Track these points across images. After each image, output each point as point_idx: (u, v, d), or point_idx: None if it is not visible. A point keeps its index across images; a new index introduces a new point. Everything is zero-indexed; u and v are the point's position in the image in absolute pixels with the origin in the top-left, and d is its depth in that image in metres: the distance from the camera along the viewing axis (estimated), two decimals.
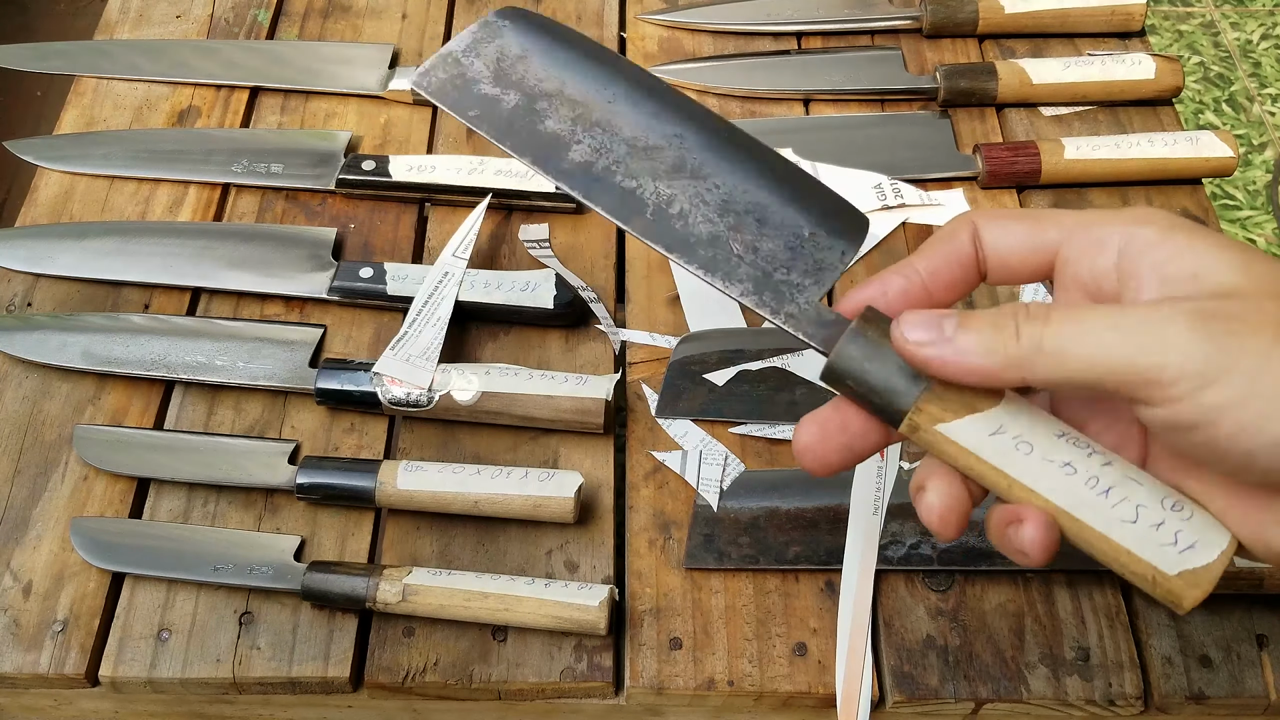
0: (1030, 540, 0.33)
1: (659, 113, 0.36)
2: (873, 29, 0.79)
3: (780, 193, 0.36)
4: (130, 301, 0.65)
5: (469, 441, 0.60)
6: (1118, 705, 0.52)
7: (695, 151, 0.36)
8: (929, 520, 0.35)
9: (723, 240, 0.35)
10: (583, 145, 0.36)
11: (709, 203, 0.36)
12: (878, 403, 0.35)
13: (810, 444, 0.36)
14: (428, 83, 0.38)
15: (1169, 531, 0.32)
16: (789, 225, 0.36)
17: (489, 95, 0.37)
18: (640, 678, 0.52)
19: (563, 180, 0.36)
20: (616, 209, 0.36)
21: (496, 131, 0.37)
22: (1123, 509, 0.33)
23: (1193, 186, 0.71)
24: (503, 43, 0.37)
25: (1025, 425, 0.33)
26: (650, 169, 0.36)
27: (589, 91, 0.36)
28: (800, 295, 0.36)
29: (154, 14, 0.81)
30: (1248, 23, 1.77)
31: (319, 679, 0.53)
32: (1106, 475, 0.33)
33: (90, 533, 0.56)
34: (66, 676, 0.53)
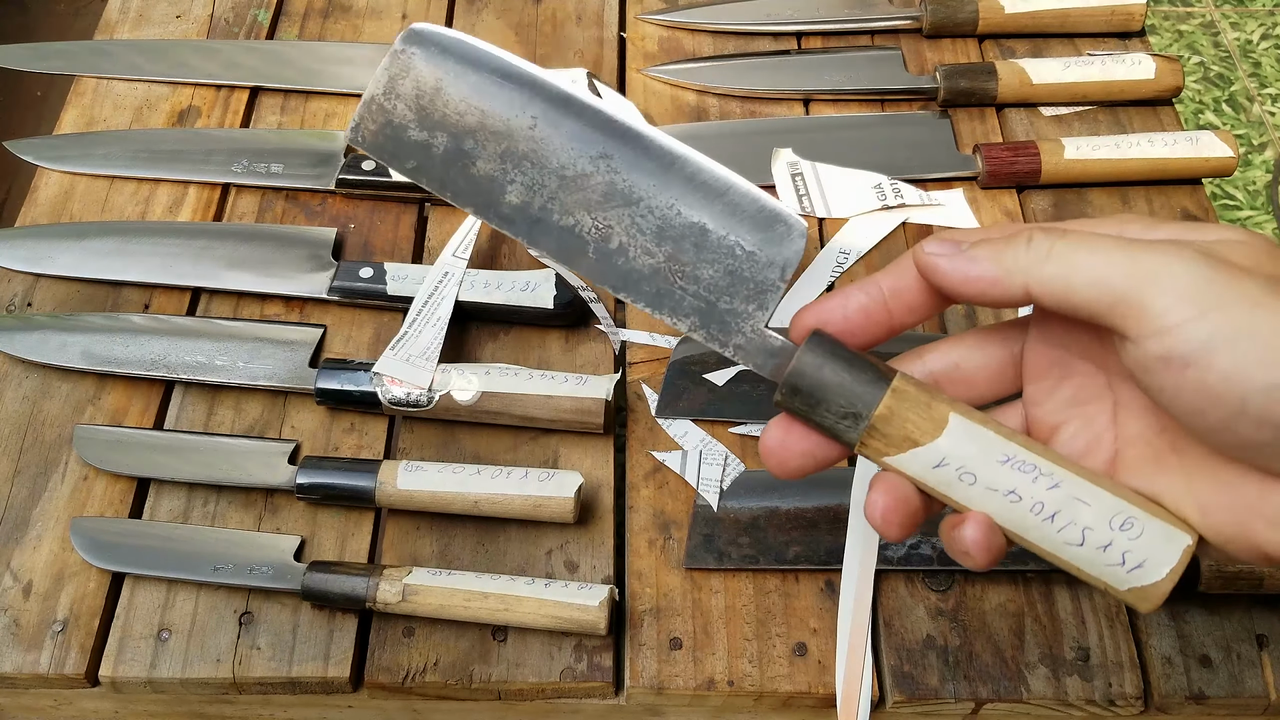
0: (971, 540, 0.34)
1: (581, 132, 0.35)
2: (873, 29, 0.79)
3: (714, 208, 0.35)
4: (130, 301, 0.65)
5: (469, 441, 0.60)
6: (1118, 705, 0.52)
7: (624, 172, 0.35)
8: (872, 518, 0.35)
9: (664, 273, 0.35)
10: (516, 185, 0.35)
11: (645, 231, 0.35)
12: (828, 433, 0.36)
13: (773, 447, 0.37)
14: (360, 138, 0.36)
15: (1116, 552, 0.33)
16: (726, 245, 0.35)
17: (420, 142, 0.36)
18: (640, 678, 0.52)
19: (505, 227, 0.36)
20: (559, 252, 0.36)
21: (435, 184, 0.36)
22: (1068, 533, 0.33)
23: (1193, 186, 0.71)
24: (417, 75, 0.36)
25: (969, 453, 0.34)
26: (583, 201, 0.35)
27: (509, 119, 0.35)
28: (745, 324, 0.36)
29: (154, 14, 0.81)
30: (1248, 23, 1.77)
31: (319, 679, 0.53)
32: (1052, 500, 0.33)
33: (90, 533, 0.56)
34: (66, 676, 0.53)
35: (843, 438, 0.35)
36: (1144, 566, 0.33)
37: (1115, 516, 0.33)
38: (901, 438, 0.34)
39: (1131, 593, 0.33)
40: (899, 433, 0.34)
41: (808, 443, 0.36)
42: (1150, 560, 0.33)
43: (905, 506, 0.35)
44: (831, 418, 0.35)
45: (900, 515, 0.35)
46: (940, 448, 0.34)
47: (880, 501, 0.35)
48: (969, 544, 0.34)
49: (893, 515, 0.35)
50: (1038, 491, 0.33)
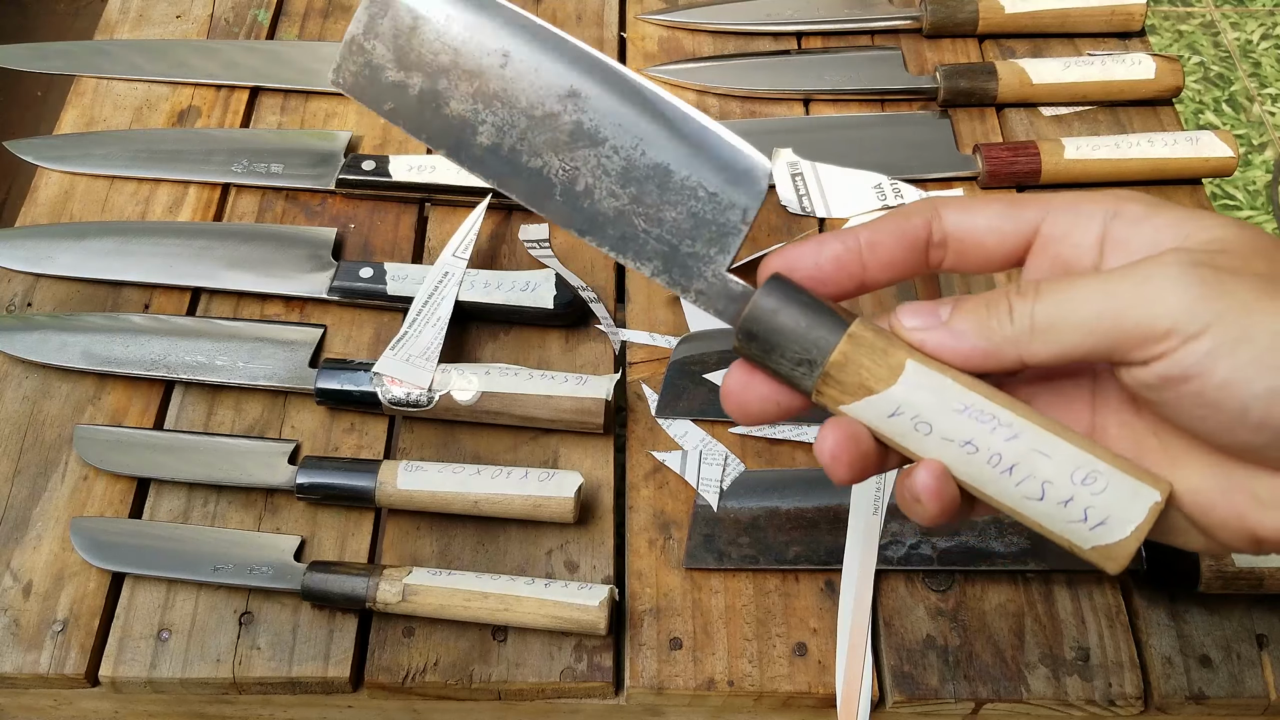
0: (922, 485, 0.32)
1: (550, 69, 0.35)
2: (873, 29, 0.79)
3: (678, 148, 0.35)
4: (130, 301, 0.65)
5: (469, 441, 0.60)
6: (1118, 705, 0.52)
7: (591, 111, 0.35)
8: (820, 456, 0.34)
9: (628, 215, 0.35)
10: (487, 125, 0.35)
11: (610, 173, 0.35)
12: (784, 380, 0.35)
13: (733, 391, 0.36)
14: (342, 79, 0.36)
15: (1078, 508, 0.31)
16: (690, 187, 0.35)
17: (397, 83, 0.36)
18: (640, 678, 0.52)
19: (476, 169, 0.36)
20: (528, 194, 0.36)
21: (411, 125, 0.36)
22: (1027, 487, 0.32)
23: (1193, 186, 0.71)
24: (395, 14, 0.35)
25: (925, 402, 0.32)
26: (551, 141, 0.35)
27: (480, 57, 0.35)
28: (707, 268, 0.35)
29: (154, 14, 0.81)
30: (1248, 23, 1.77)
31: (319, 679, 0.53)
32: (1011, 452, 0.32)
33: (90, 533, 0.56)
34: (66, 676, 0.53)
35: (799, 385, 0.34)
36: (1107, 524, 0.31)
37: (1077, 470, 0.32)
38: (856, 385, 0.33)
39: (1095, 552, 0.32)
40: (854, 380, 0.33)
41: (768, 388, 0.35)
42: (1114, 517, 0.31)
43: (856, 445, 0.33)
44: (787, 364, 0.34)
45: (850, 454, 0.33)
46: (895, 395, 0.33)
47: (830, 438, 0.33)
48: (920, 489, 0.32)
49: (842, 453, 0.33)
50: (995, 443, 0.32)
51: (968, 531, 0.56)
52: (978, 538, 0.55)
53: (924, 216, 0.35)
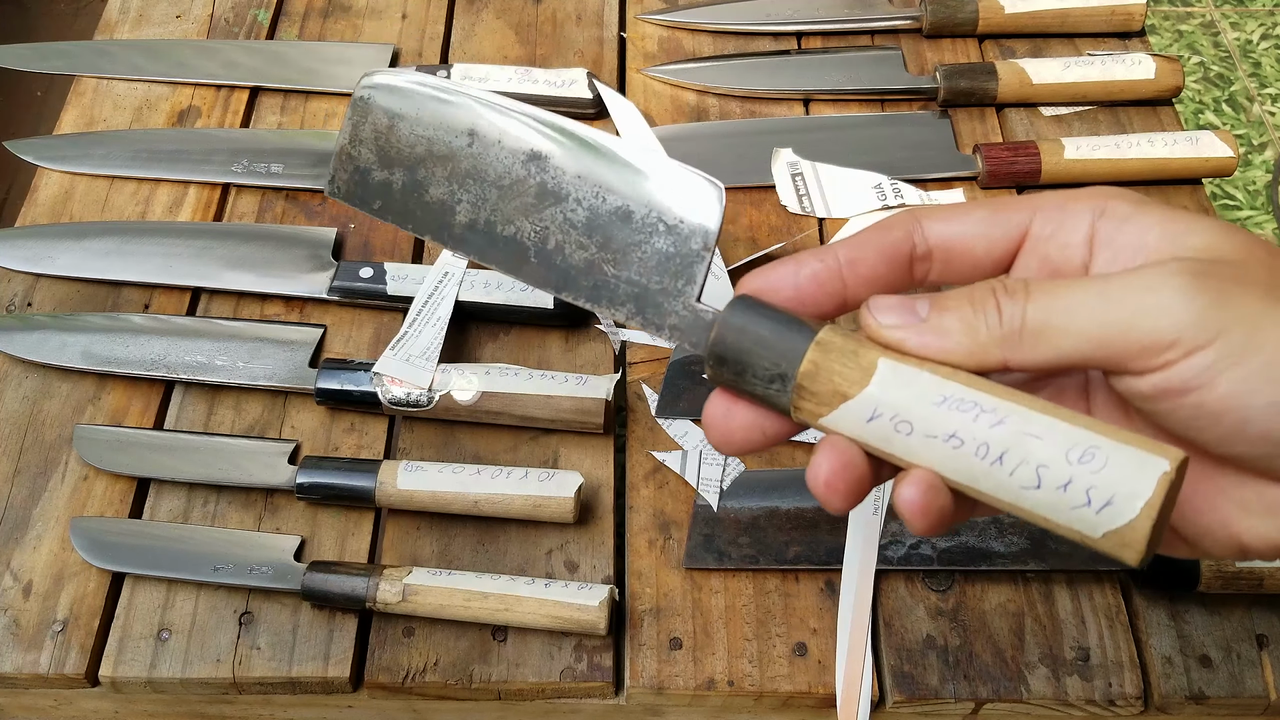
0: (906, 501, 0.30)
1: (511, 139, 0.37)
2: (873, 29, 0.79)
3: (635, 189, 0.36)
4: (130, 301, 0.65)
5: (469, 441, 0.60)
6: (1118, 705, 0.52)
7: (552, 171, 0.37)
8: (815, 485, 0.32)
9: (597, 264, 0.36)
10: (463, 204, 0.37)
11: (576, 225, 0.36)
12: (762, 402, 0.33)
13: (715, 421, 0.34)
14: (336, 189, 0.39)
15: (1079, 491, 0.29)
16: (650, 224, 0.36)
17: (382, 181, 0.38)
18: (640, 678, 0.52)
19: (459, 247, 0.38)
20: (506, 262, 0.37)
21: (398, 217, 0.38)
22: (1021, 474, 0.29)
23: (1193, 186, 0.71)
24: (374, 118, 0.38)
25: (902, 399, 0.30)
26: (521, 206, 0.37)
27: (450, 140, 0.38)
28: (677, 301, 0.35)
29: (154, 14, 0.81)
30: (1248, 23, 1.77)
31: (319, 679, 0.52)
32: (998, 438, 0.29)
33: (90, 533, 0.56)
34: (66, 676, 0.53)
35: (776, 403, 0.33)
36: (1113, 503, 0.28)
37: (1073, 448, 0.29)
38: (831, 393, 0.31)
39: (1108, 539, 0.29)
40: (827, 387, 0.31)
41: (751, 415, 0.34)
42: (1120, 495, 0.28)
43: (851, 471, 0.32)
44: (760, 383, 0.32)
45: (845, 481, 0.31)
46: (871, 396, 0.31)
47: (824, 466, 0.32)
48: (903, 506, 0.31)
49: (837, 481, 0.31)
50: (980, 431, 0.29)
51: (968, 531, 0.56)
52: (978, 538, 0.55)
53: (905, 229, 0.34)
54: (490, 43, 0.79)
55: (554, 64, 0.77)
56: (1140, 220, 0.32)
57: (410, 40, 0.79)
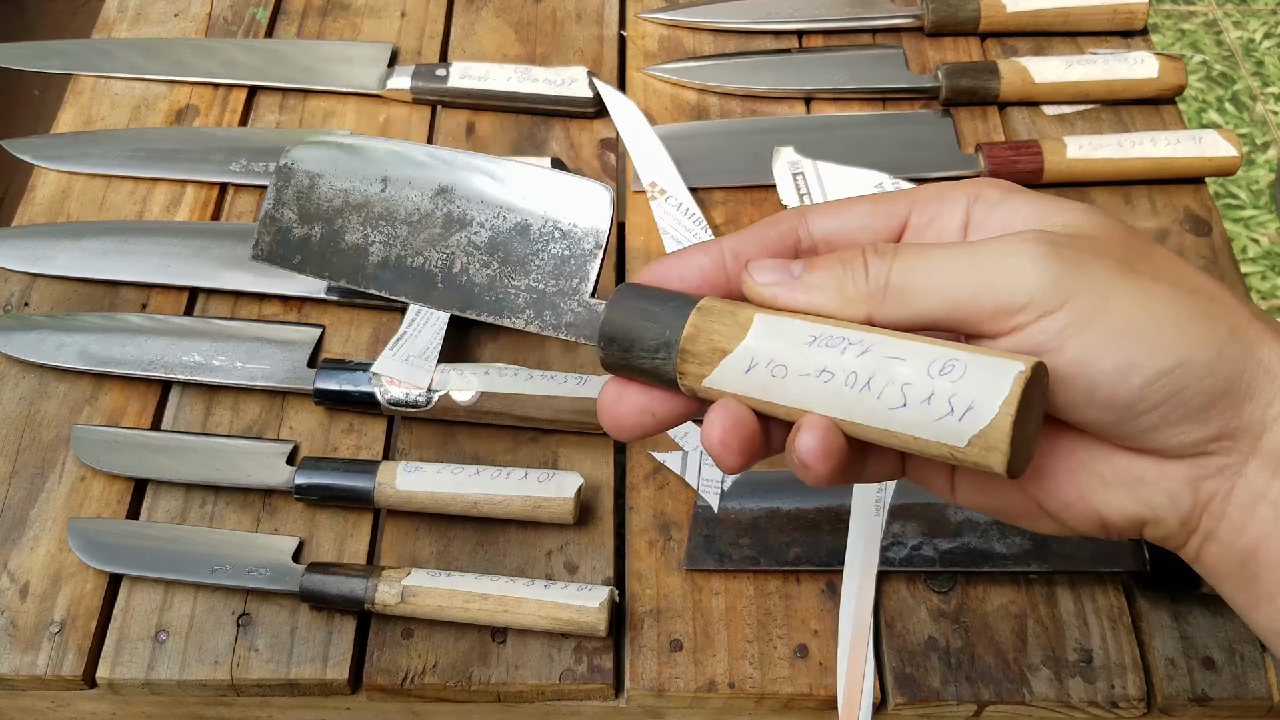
0: (806, 448, 0.31)
1: (420, 178, 0.39)
2: (874, 28, 0.78)
3: (531, 203, 0.38)
4: (128, 301, 0.65)
5: (468, 442, 0.59)
6: (1121, 707, 0.52)
7: (458, 200, 0.39)
8: (709, 444, 0.33)
9: (499, 280, 0.38)
10: (376, 245, 0.39)
11: (480, 246, 0.38)
12: (651, 377, 0.35)
13: (607, 404, 0.35)
14: (260, 251, 0.41)
15: (942, 401, 0.30)
16: (547, 232, 0.38)
17: (302, 237, 0.40)
18: (640, 680, 0.52)
19: (371, 286, 0.39)
20: (415, 292, 0.39)
21: (316, 268, 0.40)
22: (888, 396, 0.30)
23: (1196, 186, 0.71)
24: (296, 181, 0.40)
25: (776, 346, 0.32)
26: (429, 238, 0.39)
27: (365, 189, 0.40)
28: (572, 300, 0.37)
29: (152, 12, 0.81)
30: (1250, 21, 1.77)
31: (317, 681, 0.52)
32: (865, 365, 0.31)
33: (87, 533, 0.55)
34: (64, 678, 0.53)
35: (663, 374, 0.34)
36: (975, 408, 0.29)
37: (933, 364, 0.30)
38: (711, 351, 0.33)
39: (974, 445, 0.29)
40: (707, 347, 0.33)
41: (642, 398, 0.35)
42: (979, 398, 0.29)
43: (742, 428, 0.33)
44: (647, 355, 0.34)
45: (738, 438, 0.33)
46: (748, 347, 0.32)
47: (717, 425, 0.33)
48: (805, 454, 0.31)
49: (730, 438, 0.33)
50: (848, 362, 0.31)
51: (970, 533, 0.55)
52: (980, 539, 0.55)
53: (790, 224, 0.36)
54: (490, 41, 0.78)
55: (554, 63, 0.77)
56: (1010, 204, 0.34)
57: (409, 39, 0.79)
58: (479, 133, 0.73)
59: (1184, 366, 0.30)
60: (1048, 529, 0.34)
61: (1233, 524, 0.32)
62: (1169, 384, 0.30)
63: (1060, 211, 0.33)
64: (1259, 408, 0.31)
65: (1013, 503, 0.34)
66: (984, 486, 0.35)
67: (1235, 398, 0.30)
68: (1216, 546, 0.32)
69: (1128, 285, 0.30)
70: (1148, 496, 0.32)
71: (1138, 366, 0.30)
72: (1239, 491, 0.31)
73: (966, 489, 0.35)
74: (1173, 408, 0.30)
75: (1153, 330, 0.30)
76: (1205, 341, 0.30)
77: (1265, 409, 0.31)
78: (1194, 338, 0.30)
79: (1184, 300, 0.31)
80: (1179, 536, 0.33)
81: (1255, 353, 0.31)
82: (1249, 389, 0.30)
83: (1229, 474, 0.31)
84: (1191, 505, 0.32)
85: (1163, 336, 0.30)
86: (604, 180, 0.39)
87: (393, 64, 0.76)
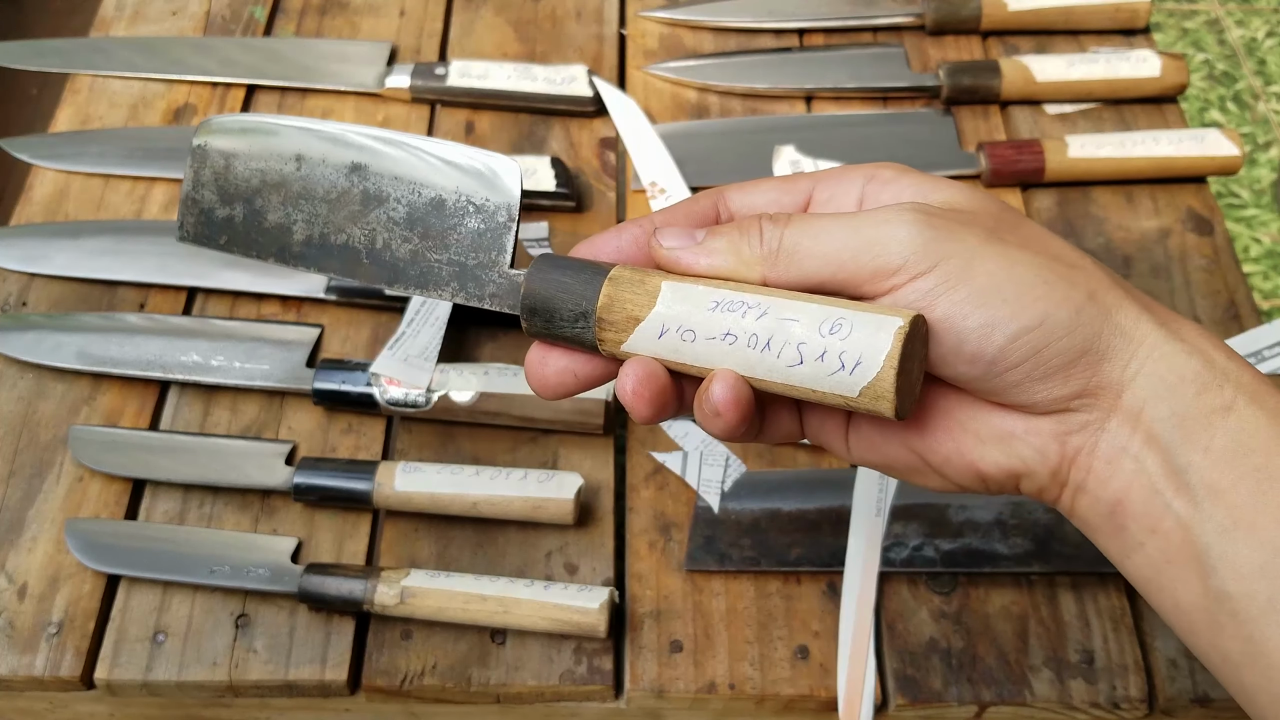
0: (719, 397, 0.34)
1: (333, 155, 0.40)
2: (875, 26, 0.78)
3: (444, 178, 0.40)
4: (125, 301, 0.65)
5: (468, 442, 0.59)
6: (1122, 708, 0.52)
7: (373, 177, 0.40)
8: (623, 395, 0.35)
9: (421, 254, 0.39)
10: (298, 223, 0.40)
11: (399, 222, 0.40)
12: (574, 344, 0.37)
13: (533, 366, 0.38)
14: (186, 233, 0.42)
15: (834, 358, 0.33)
16: (461, 207, 0.39)
17: (225, 217, 0.41)
18: (640, 681, 0.52)
19: (298, 264, 0.41)
20: (341, 268, 0.40)
21: (241, 248, 0.41)
22: (786, 354, 0.33)
23: (1198, 185, 0.71)
24: (212, 160, 0.41)
25: (683, 311, 0.35)
26: (349, 215, 0.40)
27: (280, 167, 0.41)
28: (493, 271, 0.39)
29: (150, 11, 0.80)
30: (1253, 20, 1.76)
31: (316, 682, 0.52)
32: (764, 327, 0.34)
33: (85, 534, 0.55)
34: (61, 679, 0.52)
35: (585, 340, 0.36)
36: (863, 363, 0.32)
37: (824, 323, 0.33)
38: (625, 319, 0.35)
39: (864, 395, 0.33)
40: (621, 315, 0.35)
41: (565, 360, 0.37)
42: (866, 353, 0.32)
43: (654, 381, 0.35)
44: (567, 325, 0.36)
45: (650, 389, 0.35)
46: (658, 315, 0.35)
47: (630, 377, 0.35)
48: (718, 401, 0.34)
49: (643, 389, 0.35)
50: (749, 325, 0.34)
51: (971, 534, 0.55)
52: (981, 540, 0.55)
53: (711, 200, 0.39)
54: (489, 39, 0.78)
55: (553, 61, 0.77)
56: (900, 183, 0.37)
57: (408, 37, 0.78)
58: (478, 131, 0.73)
59: (1043, 326, 0.32)
60: (934, 484, 0.37)
61: (1099, 477, 0.34)
62: (1030, 341, 0.32)
63: (941, 189, 0.36)
64: (1116, 367, 0.33)
65: (899, 458, 0.37)
66: (874, 445, 0.37)
67: (1093, 357, 0.33)
68: (1087, 499, 0.34)
69: (993, 251, 0.33)
70: (1018, 450, 0.34)
71: (1000, 324, 0.32)
72: (1103, 446, 0.34)
73: (859, 447, 0.38)
74: (1035, 365, 0.33)
75: (1014, 291, 0.32)
76: (1063, 303, 0.32)
77: (1123, 369, 0.33)
78: (1052, 299, 0.32)
79: (1045, 266, 0.33)
80: (1052, 489, 0.35)
81: (1113, 316, 0.33)
82: (1107, 349, 0.33)
83: (1092, 429, 0.34)
84: (1059, 459, 0.34)
85: (1023, 297, 0.32)
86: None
87: (391, 62, 0.76)
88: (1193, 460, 0.32)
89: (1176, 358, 0.33)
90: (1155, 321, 0.33)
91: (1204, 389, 0.32)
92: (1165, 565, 0.33)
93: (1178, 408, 0.32)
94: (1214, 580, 0.32)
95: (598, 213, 0.69)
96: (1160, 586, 0.33)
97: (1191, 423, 0.32)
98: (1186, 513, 0.32)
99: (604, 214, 0.69)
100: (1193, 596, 0.32)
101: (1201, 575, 0.32)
